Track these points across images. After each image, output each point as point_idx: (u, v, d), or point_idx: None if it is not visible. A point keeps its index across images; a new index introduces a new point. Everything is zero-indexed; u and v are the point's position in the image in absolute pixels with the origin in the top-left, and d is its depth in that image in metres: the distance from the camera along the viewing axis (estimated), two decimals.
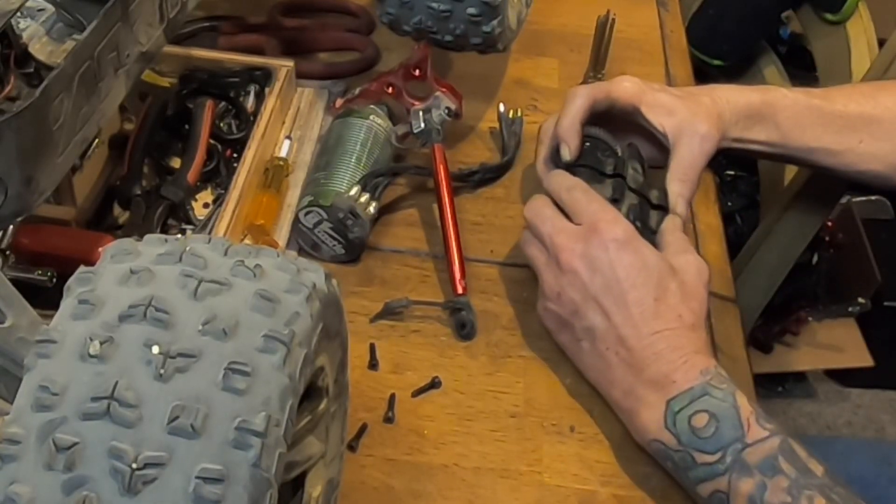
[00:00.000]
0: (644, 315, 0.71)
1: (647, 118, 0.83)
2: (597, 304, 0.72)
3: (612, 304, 0.72)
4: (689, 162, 0.81)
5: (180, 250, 0.47)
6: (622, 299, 0.71)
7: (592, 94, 0.84)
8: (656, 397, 0.69)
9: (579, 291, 0.73)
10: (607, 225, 0.74)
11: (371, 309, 0.80)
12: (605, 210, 0.75)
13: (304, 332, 0.46)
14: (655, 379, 0.69)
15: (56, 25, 0.72)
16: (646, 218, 0.79)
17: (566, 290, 0.74)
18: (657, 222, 0.79)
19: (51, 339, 0.43)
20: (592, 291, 0.73)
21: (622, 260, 0.72)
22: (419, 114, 0.89)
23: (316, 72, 1.02)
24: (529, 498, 0.70)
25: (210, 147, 0.89)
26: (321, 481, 0.60)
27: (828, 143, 0.86)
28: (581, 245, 0.74)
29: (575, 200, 0.77)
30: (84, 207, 0.82)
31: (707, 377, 0.68)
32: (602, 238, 0.73)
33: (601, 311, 0.72)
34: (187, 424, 0.41)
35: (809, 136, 0.86)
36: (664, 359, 0.69)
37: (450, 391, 0.76)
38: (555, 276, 0.75)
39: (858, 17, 1.34)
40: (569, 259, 0.74)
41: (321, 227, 0.83)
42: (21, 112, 0.57)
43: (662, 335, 0.70)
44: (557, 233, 0.75)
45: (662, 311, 0.71)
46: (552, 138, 0.85)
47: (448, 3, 0.85)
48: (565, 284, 0.74)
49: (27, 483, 0.40)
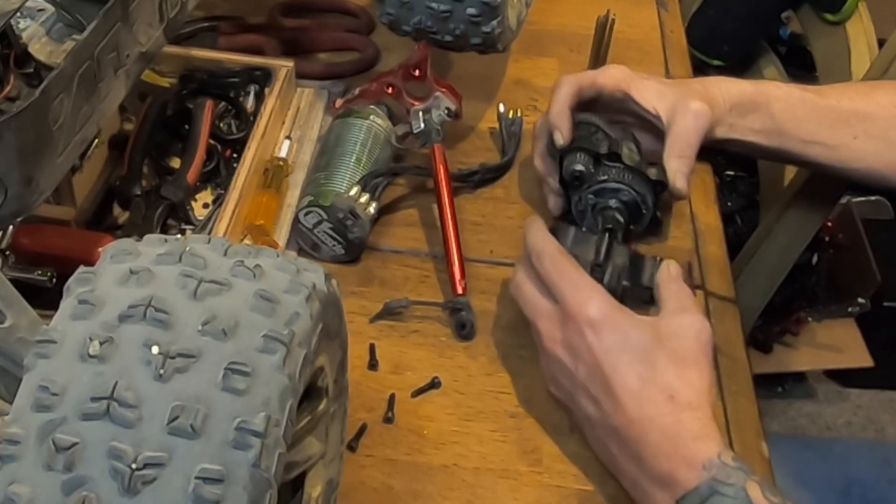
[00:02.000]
0: (632, 401, 0.65)
1: (639, 102, 0.82)
2: (586, 393, 0.68)
3: (599, 392, 0.67)
4: (685, 138, 0.80)
5: (180, 250, 0.47)
6: (607, 386, 0.66)
7: (578, 82, 0.84)
8: (663, 496, 0.63)
9: (568, 379, 0.70)
10: (580, 307, 0.68)
11: (371, 309, 0.80)
12: (576, 287, 0.70)
13: (303, 332, 0.46)
14: (658, 476, 0.63)
15: (56, 25, 0.72)
16: (638, 273, 0.75)
17: (557, 377, 0.71)
18: (650, 275, 0.74)
19: (51, 339, 0.43)
20: (580, 380, 0.68)
21: (601, 343, 0.67)
22: (419, 114, 0.89)
23: (316, 72, 1.03)
24: (529, 498, 0.70)
25: (210, 147, 0.89)
26: (321, 481, 0.60)
27: (822, 138, 0.86)
28: (559, 331, 0.70)
29: (546, 273, 0.71)
30: (84, 207, 0.82)
31: (711, 471, 0.61)
32: (577, 323, 0.68)
33: (592, 400, 0.68)
34: (187, 425, 0.41)
35: (804, 129, 0.86)
36: (662, 453, 0.63)
37: (450, 391, 0.76)
38: (546, 361, 0.72)
39: (858, 18, 1.34)
40: (552, 347, 0.70)
41: (321, 227, 0.83)
42: (21, 112, 0.57)
43: (654, 424, 0.64)
44: (538, 317, 0.72)
45: (651, 394, 0.65)
46: (546, 131, 0.85)
47: (448, 3, 0.85)
48: (555, 371, 0.71)
49: (27, 483, 0.40)
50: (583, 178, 0.82)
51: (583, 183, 0.82)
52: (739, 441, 0.74)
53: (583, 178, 0.82)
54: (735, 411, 0.76)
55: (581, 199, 0.82)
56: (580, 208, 0.83)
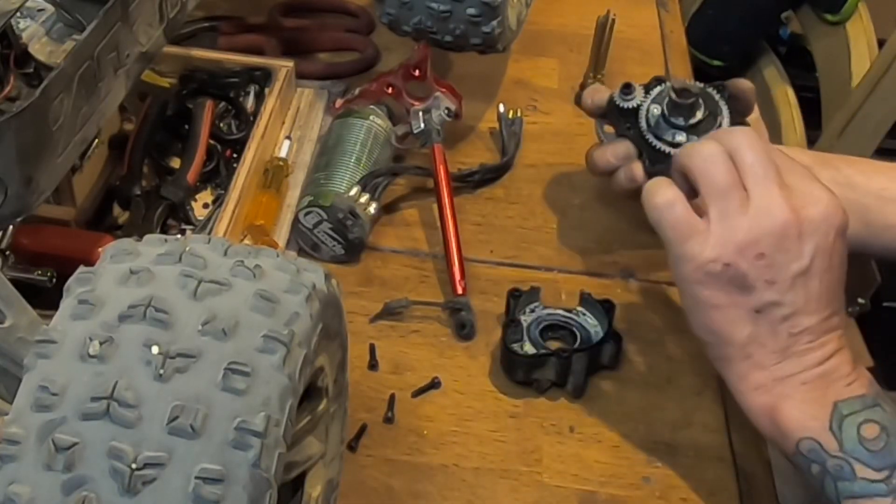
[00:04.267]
0: (829, 302, 0.64)
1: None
2: (771, 287, 0.64)
3: (799, 289, 0.64)
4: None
5: (180, 250, 0.47)
6: (808, 284, 0.64)
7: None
8: (821, 394, 0.63)
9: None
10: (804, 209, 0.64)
11: (371, 309, 0.80)
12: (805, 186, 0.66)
13: (303, 332, 0.46)
14: (826, 373, 0.63)
15: (56, 25, 0.72)
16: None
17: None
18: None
19: (51, 339, 0.43)
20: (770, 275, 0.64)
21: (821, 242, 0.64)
22: (419, 114, 0.89)
23: (316, 72, 1.03)
24: (529, 498, 0.70)
25: (210, 147, 0.89)
26: (321, 481, 0.60)
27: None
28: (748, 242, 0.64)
29: (760, 169, 0.66)
30: (84, 207, 0.82)
31: (874, 389, 0.63)
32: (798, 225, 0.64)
33: (804, 292, 0.64)
34: (187, 424, 0.41)
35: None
36: (841, 356, 0.64)
37: (449, 391, 0.76)
38: (708, 278, 0.65)
39: (858, 18, 1.35)
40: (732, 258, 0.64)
41: (321, 227, 0.83)
42: (21, 112, 0.57)
43: (838, 332, 0.65)
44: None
45: (838, 303, 0.65)
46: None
47: (448, 3, 0.85)
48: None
49: (27, 483, 0.40)
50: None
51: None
52: (739, 441, 0.74)
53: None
54: (735, 411, 0.76)
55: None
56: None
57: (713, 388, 0.77)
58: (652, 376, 0.78)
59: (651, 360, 0.79)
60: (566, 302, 0.80)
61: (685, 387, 0.78)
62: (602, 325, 0.78)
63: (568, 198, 0.93)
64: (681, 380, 0.78)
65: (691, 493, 0.71)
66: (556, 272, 0.86)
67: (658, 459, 0.72)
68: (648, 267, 0.86)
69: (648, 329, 0.81)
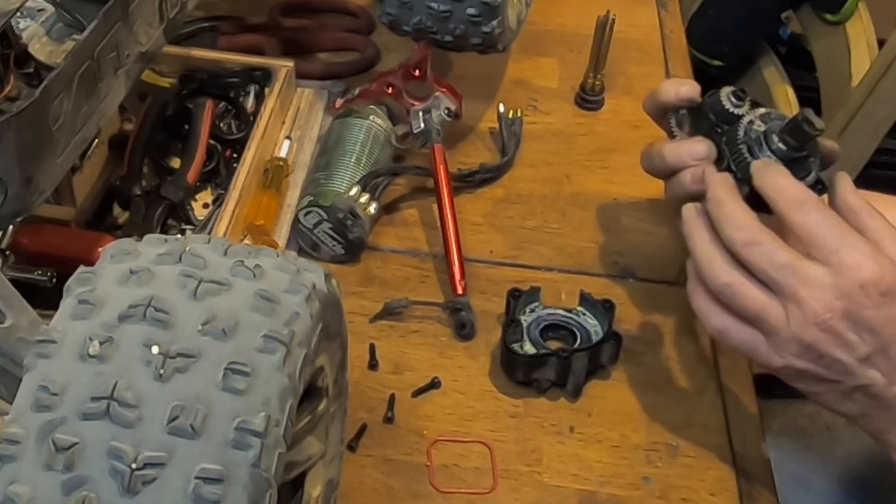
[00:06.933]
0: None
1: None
2: (872, 364, 0.63)
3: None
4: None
5: (180, 250, 0.47)
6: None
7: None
8: None
9: (844, 352, 0.62)
10: (867, 269, 0.61)
11: (371, 309, 0.80)
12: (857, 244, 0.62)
13: (303, 332, 0.46)
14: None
15: (56, 25, 0.72)
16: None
17: (825, 351, 0.63)
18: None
19: (50, 339, 0.43)
20: (865, 351, 0.62)
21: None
22: (419, 114, 0.89)
23: (316, 72, 1.02)
24: (529, 498, 0.70)
25: (210, 147, 0.89)
26: (321, 481, 0.60)
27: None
28: (836, 298, 0.62)
29: (810, 226, 0.63)
30: (84, 207, 0.82)
31: None
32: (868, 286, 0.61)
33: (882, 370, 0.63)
34: (187, 424, 0.41)
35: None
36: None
37: (449, 391, 0.76)
38: (802, 337, 0.63)
39: (858, 18, 1.34)
40: (824, 317, 0.62)
41: (321, 227, 0.83)
42: (21, 112, 0.57)
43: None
44: (800, 286, 0.62)
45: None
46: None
47: (448, 3, 0.85)
48: (823, 346, 0.63)
49: (27, 483, 0.40)
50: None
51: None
52: (739, 441, 0.74)
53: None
54: (735, 411, 0.77)
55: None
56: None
57: (713, 388, 0.77)
58: (652, 376, 0.78)
59: (651, 360, 0.79)
60: (566, 302, 0.80)
61: (685, 387, 0.78)
62: (602, 325, 0.78)
63: (568, 198, 0.93)
64: (681, 380, 0.78)
65: (691, 493, 0.71)
66: (556, 272, 0.86)
67: (658, 459, 0.72)
68: (648, 267, 0.86)
69: (648, 329, 0.81)
